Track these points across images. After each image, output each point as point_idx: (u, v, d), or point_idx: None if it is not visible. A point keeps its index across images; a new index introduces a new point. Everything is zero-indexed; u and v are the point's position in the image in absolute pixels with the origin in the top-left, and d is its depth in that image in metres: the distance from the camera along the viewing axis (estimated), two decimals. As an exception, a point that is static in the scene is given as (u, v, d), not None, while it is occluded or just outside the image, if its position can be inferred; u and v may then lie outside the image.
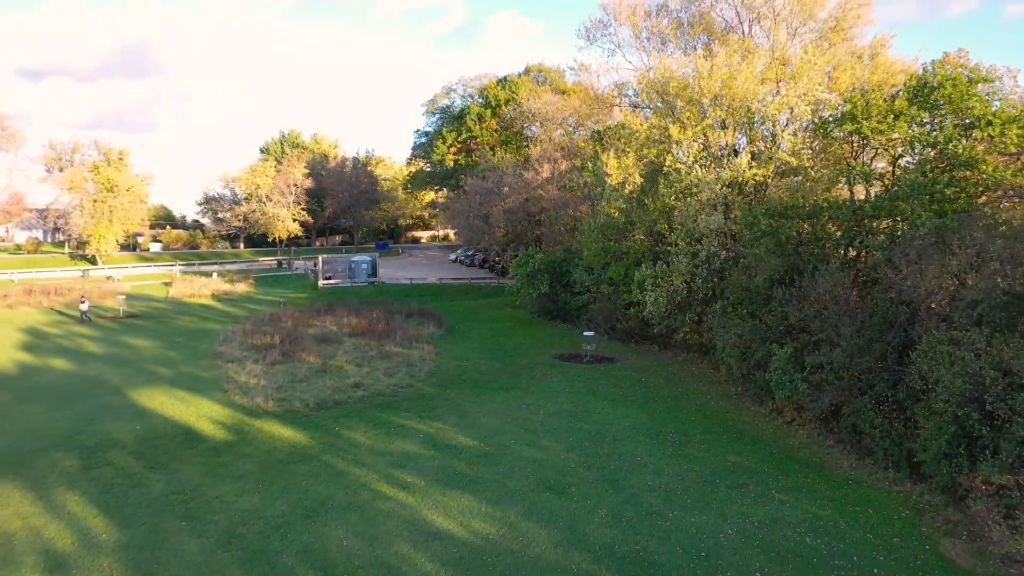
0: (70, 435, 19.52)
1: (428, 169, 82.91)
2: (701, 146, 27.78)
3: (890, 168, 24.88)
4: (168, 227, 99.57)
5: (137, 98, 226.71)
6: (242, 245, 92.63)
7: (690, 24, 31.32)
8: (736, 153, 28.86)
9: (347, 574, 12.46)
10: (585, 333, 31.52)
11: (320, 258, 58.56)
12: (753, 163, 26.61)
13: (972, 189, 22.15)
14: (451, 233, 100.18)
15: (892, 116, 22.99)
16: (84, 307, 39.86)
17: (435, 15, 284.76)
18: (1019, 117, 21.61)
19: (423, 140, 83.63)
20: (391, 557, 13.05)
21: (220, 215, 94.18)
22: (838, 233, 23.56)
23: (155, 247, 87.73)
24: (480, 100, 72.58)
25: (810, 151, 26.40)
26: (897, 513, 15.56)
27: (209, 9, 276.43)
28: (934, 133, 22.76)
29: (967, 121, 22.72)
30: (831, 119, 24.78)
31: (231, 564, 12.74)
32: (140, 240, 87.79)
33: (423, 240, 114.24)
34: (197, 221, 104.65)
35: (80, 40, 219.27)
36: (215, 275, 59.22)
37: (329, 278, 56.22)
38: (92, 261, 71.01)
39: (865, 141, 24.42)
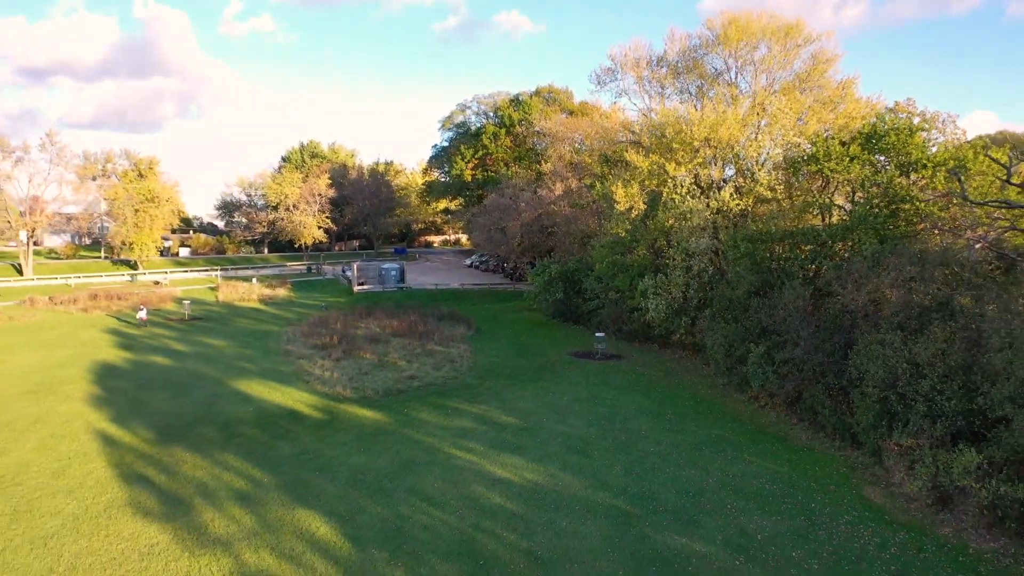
0: (202, 415, 25.07)
1: (444, 180, 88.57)
2: (693, 178, 33.27)
3: (848, 200, 30.36)
4: (192, 232, 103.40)
5: (139, 99, 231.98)
6: (266, 250, 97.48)
7: (685, 70, 36.76)
8: (725, 182, 34.33)
9: (443, 503, 17.99)
10: (596, 334, 36.95)
11: (355, 265, 63.94)
12: (736, 195, 32.12)
13: (911, 218, 27.61)
14: (463, 238, 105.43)
15: (848, 159, 28.44)
16: (142, 314, 43.37)
17: (439, 14, 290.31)
18: (946, 162, 27.05)
19: (440, 153, 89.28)
20: (470, 493, 18.57)
21: (237, 219, 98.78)
22: (804, 254, 29.04)
23: (184, 252, 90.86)
24: (494, 118, 78.20)
25: (783, 185, 31.87)
26: (836, 470, 21.03)
27: (208, 9, 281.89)
28: (880, 173, 28.20)
29: (909, 163, 28.22)
30: (800, 159, 30.28)
31: (361, 497, 18.27)
32: (168, 245, 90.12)
33: (435, 244, 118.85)
34: (213, 224, 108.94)
35: (82, 40, 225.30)
36: (255, 280, 64.47)
37: (362, 284, 61.74)
38: (133, 266, 76.43)
39: (827, 178, 29.90)
